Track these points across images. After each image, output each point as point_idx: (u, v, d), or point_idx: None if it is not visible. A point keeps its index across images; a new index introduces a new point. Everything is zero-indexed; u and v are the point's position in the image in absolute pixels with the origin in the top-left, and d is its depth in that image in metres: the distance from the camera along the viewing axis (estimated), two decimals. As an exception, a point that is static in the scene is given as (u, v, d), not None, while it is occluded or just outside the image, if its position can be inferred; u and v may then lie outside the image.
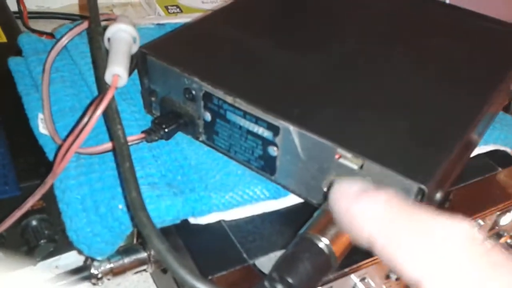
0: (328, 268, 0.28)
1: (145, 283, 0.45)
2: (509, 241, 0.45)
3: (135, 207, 0.27)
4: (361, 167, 0.30)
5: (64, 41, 0.42)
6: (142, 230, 0.26)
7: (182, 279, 0.25)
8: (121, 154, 0.29)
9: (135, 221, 0.27)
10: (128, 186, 0.28)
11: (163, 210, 0.32)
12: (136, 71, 0.40)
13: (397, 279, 0.37)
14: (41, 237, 0.39)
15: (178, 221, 0.34)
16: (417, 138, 0.31)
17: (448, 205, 0.41)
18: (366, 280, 0.35)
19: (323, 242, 0.28)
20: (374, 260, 0.34)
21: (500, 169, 0.45)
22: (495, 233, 0.44)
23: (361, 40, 0.41)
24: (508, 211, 0.44)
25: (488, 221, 0.42)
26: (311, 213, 0.30)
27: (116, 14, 0.41)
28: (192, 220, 0.35)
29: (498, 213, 0.42)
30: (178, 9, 0.65)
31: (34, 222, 0.39)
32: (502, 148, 0.46)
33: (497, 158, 0.46)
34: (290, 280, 0.26)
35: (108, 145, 0.35)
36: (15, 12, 0.60)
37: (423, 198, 0.28)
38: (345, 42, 0.41)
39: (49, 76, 0.41)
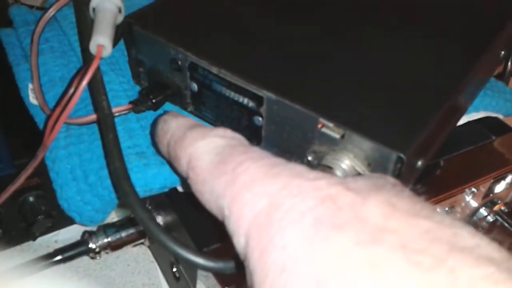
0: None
1: (144, 255, 0.46)
2: (503, 208, 0.45)
3: (118, 176, 0.27)
4: (343, 136, 0.31)
5: (51, 11, 0.42)
6: (125, 199, 0.27)
7: (165, 246, 0.26)
8: (104, 125, 0.30)
9: (118, 190, 0.27)
10: (112, 156, 0.28)
11: (149, 179, 0.33)
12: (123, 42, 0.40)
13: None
14: (38, 213, 0.40)
15: (166, 189, 0.35)
16: (398, 106, 0.32)
17: (440, 173, 0.41)
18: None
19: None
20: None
21: (494, 137, 0.45)
22: (490, 201, 0.45)
23: (346, 10, 0.41)
24: (503, 178, 0.44)
25: (482, 188, 0.43)
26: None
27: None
28: (181, 188, 0.35)
29: (492, 180, 0.43)
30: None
31: (31, 199, 0.40)
32: (493, 115, 0.46)
33: (490, 125, 0.46)
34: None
35: (96, 115, 0.35)
36: None
37: (402, 166, 0.29)
38: (329, 13, 0.40)
39: (37, 46, 0.41)
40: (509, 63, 0.52)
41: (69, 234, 0.45)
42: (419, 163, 0.32)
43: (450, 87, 0.33)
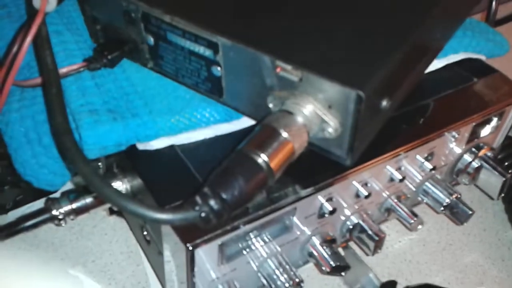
0: (264, 184, 0.27)
1: (122, 223, 0.45)
2: (489, 153, 0.43)
3: (59, 131, 0.26)
4: (301, 79, 0.29)
5: (3, -27, 0.40)
6: (66, 154, 0.25)
7: (110, 201, 0.25)
8: (48, 80, 0.28)
9: (60, 147, 0.26)
10: (54, 112, 0.27)
11: (101, 136, 0.31)
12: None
13: (366, 197, 0.36)
14: (3, 183, 0.38)
15: (122, 148, 0.33)
16: (358, 45, 0.30)
17: (421, 119, 0.39)
18: (333, 200, 0.35)
19: (261, 158, 0.27)
20: (340, 177, 0.34)
21: (475, 79, 0.43)
22: (475, 145, 0.43)
23: None
24: (487, 122, 0.42)
25: (465, 133, 0.41)
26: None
27: None
28: (140, 146, 0.34)
29: (474, 124, 0.41)
30: None
31: None
32: (474, 56, 0.44)
33: (472, 67, 0.44)
34: (223, 195, 0.26)
35: (47, 75, 0.33)
36: None
37: (361, 104, 0.27)
38: None
39: (-8, 11, 0.40)
40: (493, 3, 0.49)
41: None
42: (384, 103, 0.30)
43: (412, 23, 0.31)
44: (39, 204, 0.44)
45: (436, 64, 0.42)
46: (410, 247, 0.45)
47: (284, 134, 0.28)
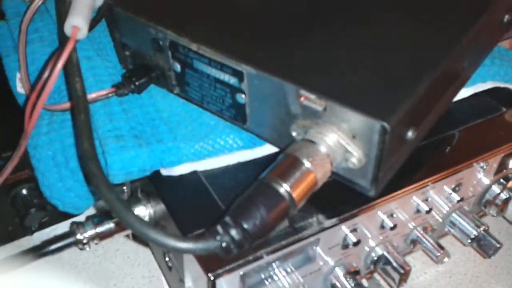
0: (286, 214, 0.27)
1: (144, 247, 0.45)
2: (517, 184, 0.42)
3: (86, 157, 0.26)
4: (325, 108, 0.29)
5: (38, 1, 0.42)
6: (92, 180, 0.26)
7: (131, 226, 0.25)
8: (77, 107, 0.29)
9: (86, 172, 0.26)
10: (81, 138, 0.27)
11: (127, 161, 0.32)
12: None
13: (392, 228, 0.36)
14: (30, 206, 0.39)
15: (147, 173, 0.33)
16: (384, 74, 0.29)
17: (449, 149, 0.39)
18: (358, 231, 0.34)
19: (283, 187, 0.27)
20: (365, 208, 0.33)
21: (504, 108, 0.42)
22: (503, 176, 0.42)
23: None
24: (516, 153, 0.41)
25: (493, 164, 0.40)
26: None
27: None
28: (164, 172, 0.34)
29: (503, 155, 0.40)
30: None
31: (23, 192, 0.40)
32: (503, 85, 0.43)
33: (499, 97, 0.43)
34: (244, 225, 0.26)
35: (76, 100, 0.34)
36: None
37: (386, 136, 0.27)
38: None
39: (25, 36, 0.41)
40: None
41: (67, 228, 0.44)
42: (410, 133, 0.29)
43: (441, 53, 0.31)
44: (63, 226, 0.45)
45: (464, 93, 0.41)
46: (436, 279, 0.44)
47: (307, 164, 0.28)
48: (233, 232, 0.25)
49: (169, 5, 0.36)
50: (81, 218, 0.37)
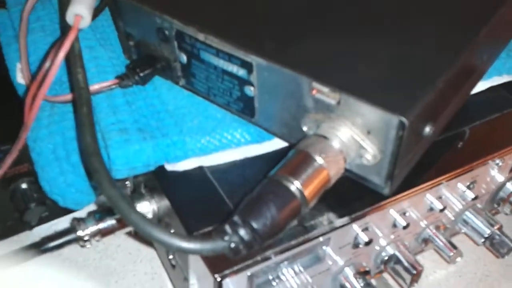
0: (297, 213, 0.26)
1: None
2: (532, 182, 0.41)
3: (88, 152, 0.25)
4: (339, 102, 0.27)
5: (39, -12, 0.40)
6: (94, 175, 0.24)
7: (133, 224, 0.23)
8: (79, 99, 0.28)
9: (88, 167, 0.25)
10: (83, 131, 0.26)
11: (131, 156, 0.30)
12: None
13: (404, 227, 0.35)
14: (30, 200, 0.38)
15: (151, 168, 0.32)
16: (401, 67, 0.28)
17: (463, 146, 0.37)
18: (369, 230, 0.33)
19: (294, 185, 0.26)
20: (377, 207, 0.32)
21: (520, 103, 0.41)
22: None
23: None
24: (531, 150, 0.40)
25: (509, 160, 0.39)
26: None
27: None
28: (169, 167, 0.33)
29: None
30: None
31: (23, 186, 0.38)
32: (519, 79, 0.42)
33: (516, 91, 0.42)
34: (254, 225, 0.24)
35: (77, 91, 0.33)
36: None
37: (404, 131, 0.25)
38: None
39: (26, 25, 0.40)
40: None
41: (68, 223, 0.43)
42: (427, 129, 0.28)
43: (459, 46, 0.29)
44: (63, 221, 0.43)
45: (480, 87, 0.40)
46: (446, 278, 0.43)
47: (319, 160, 0.27)
48: (242, 232, 0.24)
49: (175, -7, 0.35)
50: (80, 213, 0.36)
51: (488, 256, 0.45)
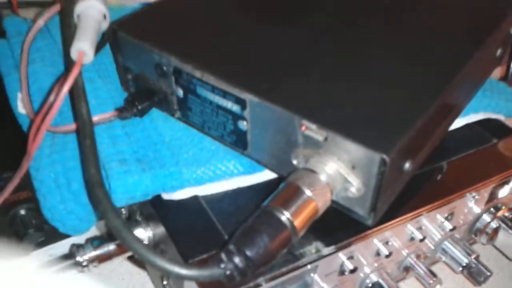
0: (288, 242, 0.28)
1: (139, 269, 0.45)
2: (507, 214, 0.43)
3: (92, 183, 0.27)
4: (326, 138, 0.30)
5: (40, 22, 0.42)
6: (99, 206, 0.26)
7: (137, 253, 0.25)
8: (82, 131, 0.29)
9: (92, 198, 0.27)
10: (87, 163, 0.28)
11: (130, 186, 0.32)
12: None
13: (387, 256, 0.36)
14: (29, 226, 0.39)
15: (149, 197, 0.34)
16: (383, 107, 0.30)
17: (442, 179, 0.40)
18: (354, 258, 0.35)
19: (285, 216, 0.28)
20: (362, 236, 0.34)
21: (495, 140, 0.44)
22: (493, 206, 0.43)
23: (331, 12, 0.40)
24: (506, 183, 0.43)
25: (485, 193, 0.41)
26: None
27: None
28: (165, 196, 0.35)
29: (493, 185, 0.41)
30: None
31: (22, 212, 0.40)
32: (494, 116, 0.45)
33: (491, 128, 0.45)
34: (248, 253, 0.26)
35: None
36: (4, 3, 0.59)
37: (386, 168, 0.27)
38: (313, 15, 0.39)
39: (27, 56, 0.41)
40: (512, 64, 0.50)
41: (63, 248, 0.44)
42: (407, 165, 0.30)
43: (438, 86, 0.32)
44: (58, 246, 0.44)
45: (457, 123, 0.43)
46: (426, 305, 0.45)
47: (308, 193, 0.29)
48: (237, 260, 0.26)
49: (174, 32, 0.37)
50: (76, 238, 0.37)
51: (467, 284, 0.47)
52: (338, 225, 0.34)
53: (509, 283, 0.47)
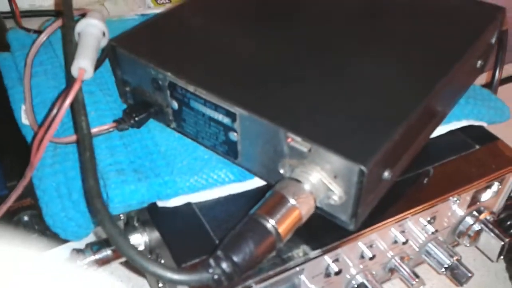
0: (273, 248, 0.30)
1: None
2: (488, 217, 0.45)
3: (91, 194, 0.29)
4: (310, 150, 0.32)
5: (43, 36, 0.44)
6: (97, 215, 0.28)
7: (133, 261, 0.27)
8: (82, 144, 0.31)
9: (91, 208, 0.29)
10: (87, 175, 0.30)
11: (127, 195, 0.34)
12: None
13: (371, 258, 0.38)
14: (32, 232, 0.41)
15: (145, 205, 0.36)
16: (362, 120, 0.33)
17: (425, 184, 0.41)
18: (340, 260, 0.37)
19: (270, 223, 0.30)
20: (347, 240, 0.36)
21: (477, 146, 0.45)
22: (476, 209, 0.45)
23: (316, 27, 0.42)
24: (489, 187, 0.44)
25: (467, 197, 0.43)
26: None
27: (88, 9, 0.42)
28: (160, 204, 0.37)
29: (475, 190, 0.43)
30: (167, 0, 0.66)
31: (25, 218, 0.42)
32: (476, 123, 0.46)
33: (474, 134, 0.46)
34: (234, 259, 0.28)
35: (79, 135, 0.37)
36: (7, 12, 0.61)
37: (364, 178, 0.29)
38: (299, 30, 0.41)
39: (30, 69, 0.43)
40: (497, 72, 0.52)
41: (64, 251, 0.46)
42: (386, 173, 0.32)
43: (418, 97, 0.34)
44: (58, 250, 0.46)
45: (440, 130, 0.44)
46: (413, 305, 0.47)
47: (292, 201, 0.31)
48: (224, 265, 0.28)
49: (169, 48, 0.39)
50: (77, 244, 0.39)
51: (453, 285, 0.48)
52: (324, 230, 0.36)
53: (496, 283, 0.49)
